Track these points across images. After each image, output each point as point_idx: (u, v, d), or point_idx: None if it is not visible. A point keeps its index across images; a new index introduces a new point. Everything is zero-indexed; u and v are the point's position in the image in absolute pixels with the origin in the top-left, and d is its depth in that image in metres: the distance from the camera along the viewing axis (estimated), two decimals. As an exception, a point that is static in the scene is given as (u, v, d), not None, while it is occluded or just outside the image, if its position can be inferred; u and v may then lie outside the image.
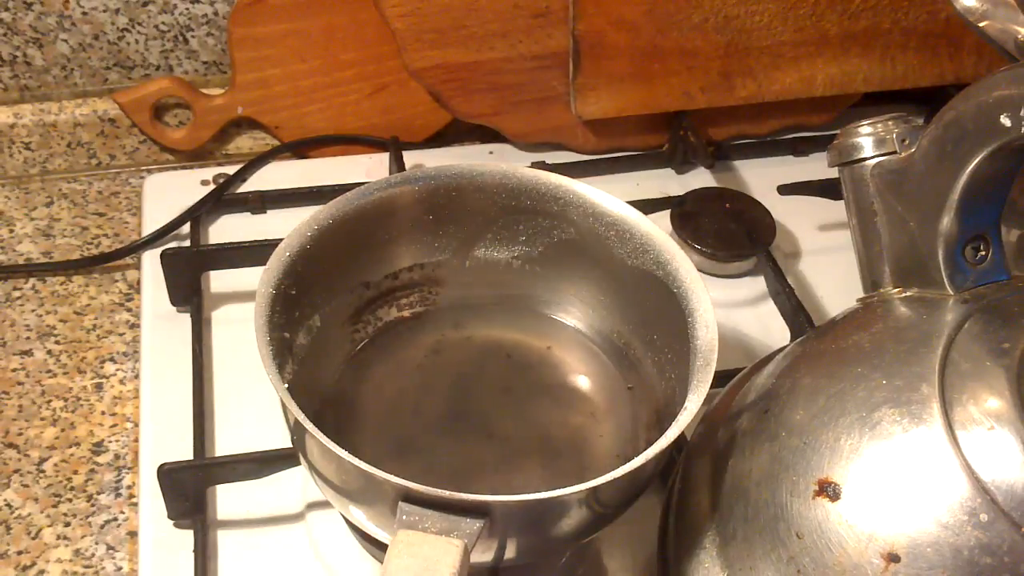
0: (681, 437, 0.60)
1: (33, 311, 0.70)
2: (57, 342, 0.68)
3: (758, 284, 0.73)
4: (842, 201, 0.50)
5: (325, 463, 0.46)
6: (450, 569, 0.40)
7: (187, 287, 0.68)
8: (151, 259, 0.71)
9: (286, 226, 0.53)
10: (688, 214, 0.75)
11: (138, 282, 0.72)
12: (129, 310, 0.70)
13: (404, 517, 0.42)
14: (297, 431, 0.47)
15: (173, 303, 0.68)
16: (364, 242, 0.57)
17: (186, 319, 0.67)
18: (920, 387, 0.41)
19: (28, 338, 0.68)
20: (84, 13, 0.76)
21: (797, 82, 0.83)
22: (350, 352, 0.59)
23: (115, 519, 0.59)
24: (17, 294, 0.71)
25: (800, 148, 0.87)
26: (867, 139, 0.48)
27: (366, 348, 0.60)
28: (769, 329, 0.71)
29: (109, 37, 0.78)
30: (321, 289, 0.56)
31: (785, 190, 0.77)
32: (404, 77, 0.78)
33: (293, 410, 0.45)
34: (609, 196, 0.57)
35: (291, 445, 0.52)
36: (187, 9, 0.78)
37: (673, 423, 0.46)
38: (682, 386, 0.50)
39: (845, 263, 0.53)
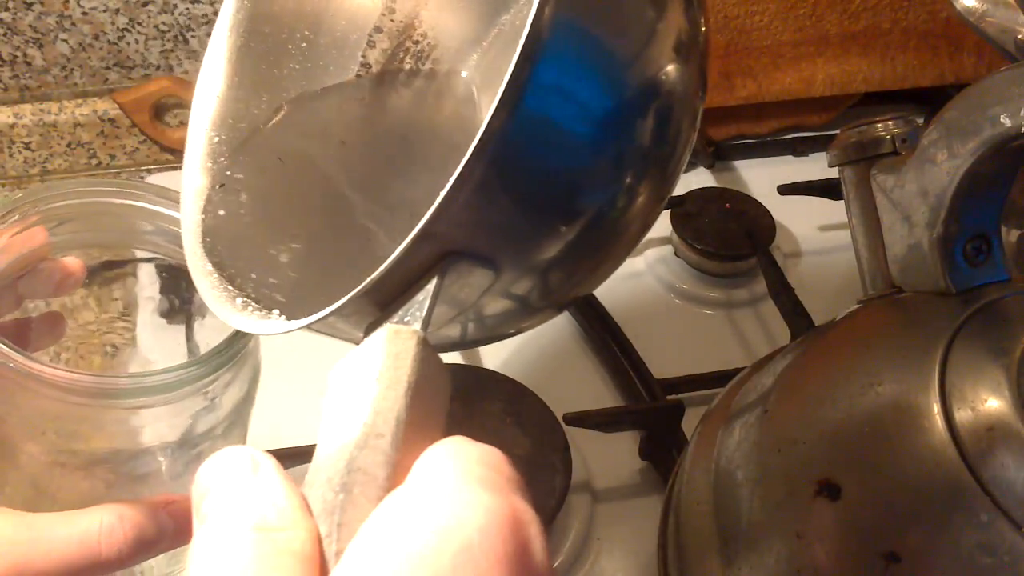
0: (682, 437, 0.61)
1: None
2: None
3: (758, 284, 0.73)
4: (842, 201, 0.50)
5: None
6: (367, 404, 0.28)
7: (187, 287, 0.68)
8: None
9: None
10: (688, 214, 0.76)
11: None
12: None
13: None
14: None
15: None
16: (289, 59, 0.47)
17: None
18: (920, 387, 0.41)
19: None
20: (84, 13, 0.76)
21: (797, 82, 0.83)
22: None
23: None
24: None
25: (800, 148, 0.87)
26: (867, 139, 0.48)
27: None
28: (769, 329, 0.71)
29: (109, 37, 0.78)
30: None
31: (785, 190, 0.77)
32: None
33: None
34: None
35: (294, 446, 0.51)
36: (187, 9, 0.78)
37: None
38: None
39: (845, 263, 0.54)
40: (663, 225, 0.76)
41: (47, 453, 0.42)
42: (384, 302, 0.33)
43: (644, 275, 0.75)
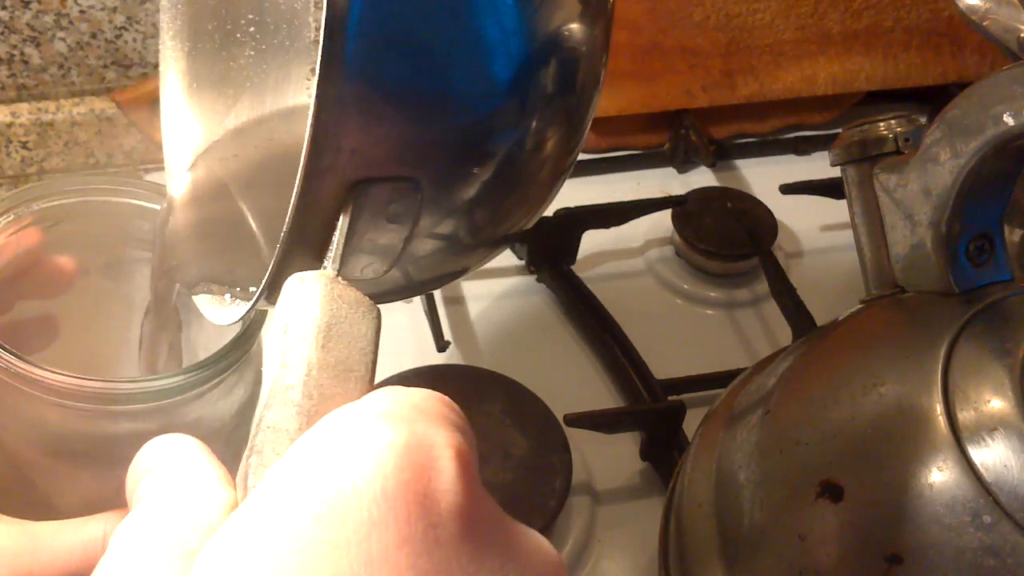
0: (683, 438, 0.60)
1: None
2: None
3: (760, 284, 0.73)
4: (844, 200, 0.50)
5: None
6: (278, 358, 0.28)
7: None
8: (149, 259, 0.71)
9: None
10: (690, 213, 0.75)
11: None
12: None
13: None
14: None
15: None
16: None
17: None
18: (922, 388, 0.41)
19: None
20: (82, 11, 0.76)
21: (799, 81, 0.83)
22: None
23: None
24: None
25: (802, 147, 0.86)
26: (869, 138, 0.48)
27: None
28: (771, 329, 0.71)
29: (107, 35, 0.78)
30: None
31: (787, 189, 0.77)
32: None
33: None
34: None
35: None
36: (186, 7, 0.78)
37: None
38: None
39: (847, 263, 0.53)
40: (664, 225, 0.76)
41: (46, 460, 0.42)
42: (320, 255, 0.32)
43: (645, 275, 0.75)
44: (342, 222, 0.31)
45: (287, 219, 0.31)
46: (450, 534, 0.24)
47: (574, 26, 0.37)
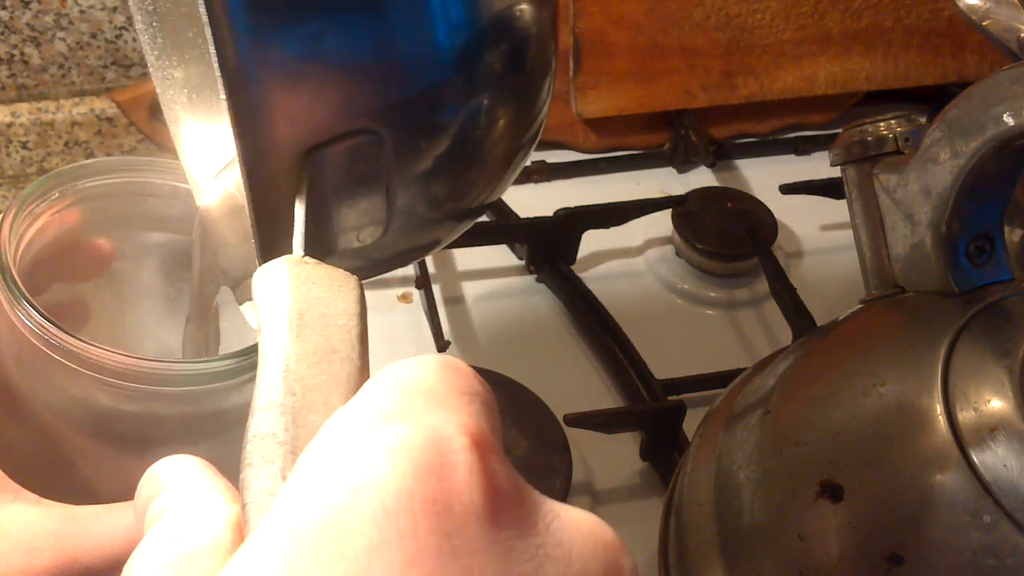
0: (683, 438, 0.60)
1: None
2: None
3: (760, 284, 0.73)
4: (844, 200, 0.50)
5: None
6: (258, 361, 0.26)
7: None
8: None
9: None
10: (689, 213, 0.75)
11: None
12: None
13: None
14: None
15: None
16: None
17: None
18: (922, 388, 0.41)
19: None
20: (82, 11, 0.76)
21: (799, 81, 0.83)
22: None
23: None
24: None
25: (802, 147, 0.86)
26: (869, 138, 0.48)
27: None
28: (771, 329, 0.71)
29: (107, 35, 0.78)
30: None
31: (787, 189, 0.77)
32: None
33: None
34: None
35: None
36: (186, 7, 0.78)
37: None
38: None
39: (847, 263, 0.53)
40: (664, 225, 0.76)
41: (90, 442, 0.42)
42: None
43: (645, 275, 0.75)
44: (299, 198, 0.29)
45: (248, 212, 0.29)
46: (469, 541, 0.21)
47: None
